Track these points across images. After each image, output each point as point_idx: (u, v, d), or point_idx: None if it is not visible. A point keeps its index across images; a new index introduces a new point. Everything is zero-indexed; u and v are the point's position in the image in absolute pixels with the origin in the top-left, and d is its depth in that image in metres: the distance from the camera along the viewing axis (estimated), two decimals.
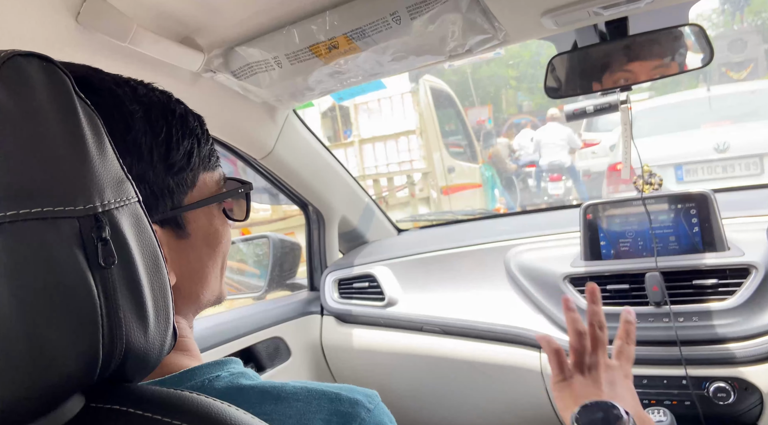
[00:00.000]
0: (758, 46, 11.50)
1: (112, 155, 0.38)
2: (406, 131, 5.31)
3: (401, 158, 5.33)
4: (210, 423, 0.37)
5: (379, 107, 5.38)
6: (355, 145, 5.50)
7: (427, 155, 5.34)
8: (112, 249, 0.35)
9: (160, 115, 0.51)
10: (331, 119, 5.97)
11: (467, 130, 6.52)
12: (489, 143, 8.04)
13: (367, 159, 5.46)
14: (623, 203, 1.23)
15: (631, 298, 1.16)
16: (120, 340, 0.36)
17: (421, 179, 5.45)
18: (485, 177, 6.52)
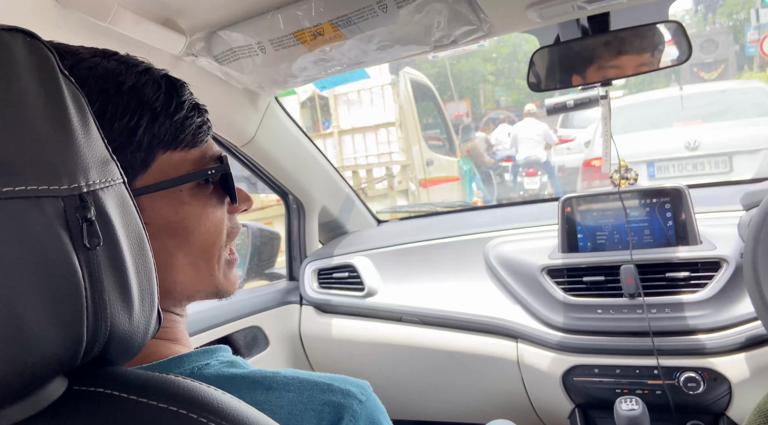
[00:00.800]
0: (729, 47, 11.80)
1: (97, 135, 0.37)
2: (385, 123, 5.27)
3: (380, 150, 5.28)
4: (196, 406, 0.36)
5: (359, 98, 5.35)
6: (334, 136, 5.44)
7: (406, 148, 5.33)
8: (97, 230, 0.35)
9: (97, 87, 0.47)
10: (311, 109, 5.91)
11: (446, 123, 6.54)
12: (467, 136, 8.11)
13: (346, 150, 5.44)
14: (600, 197, 1.25)
15: (606, 290, 1.18)
16: (104, 322, 0.35)
17: (400, 172, 5.44)
18: (463, 171, 6.57)
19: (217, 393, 0.38)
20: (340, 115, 5.37)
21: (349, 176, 5.20)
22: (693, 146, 4.72)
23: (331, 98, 5.37)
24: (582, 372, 1.18)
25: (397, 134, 5.22)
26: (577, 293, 1.20)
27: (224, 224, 0.56)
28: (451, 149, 6.50)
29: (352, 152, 5.33)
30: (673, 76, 12.08)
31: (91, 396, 0.36)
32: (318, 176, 1.53)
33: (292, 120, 1.37)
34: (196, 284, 0.54)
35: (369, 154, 5.32)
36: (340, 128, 5.42)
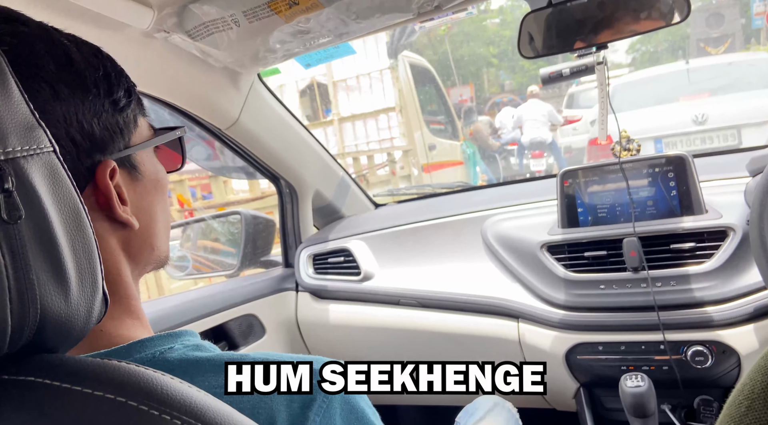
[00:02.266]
0: (736, 20, 11.56)
1: (19, 98, 0.33)
2: (385, 109, 5.21)
3: (381, 135, 5.25)
4: (137, 393, 0.33)
5: (357, 84, 5.26)
6: (335, 123, 5.39)
7: (407, 133, 5.26)
8: (17, 202, 0.31)
9: (90, 51, 0.49)
10: (310, 97, 5.83)
11: (448, 107, 6.46)
12: (470, 120, 8.01)
13: (347, 137, 5.38)
14: (601, 169, 1.20)
15: (608, 264, 1.14)
16: (33, 305, 0.32)
17: (401, 157, 5.39)
18: (466, 154, 6.51)
19: (166, 379, 0.35)
20: (340, 102, 5.30)
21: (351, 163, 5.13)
22: (701, 120, 4.63)
23: (330, 85, 5.30)
24: (586, 349, 1.14)
25: (398, 119, 5.16)
26: (578, 269, 1.16)
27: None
28: (454, 132, 6.44)
29: (353, 138, 5.28)
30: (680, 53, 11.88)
31: (21, 385, 0.33)
32: (309, 158, 1.49)
33: (278, 101, 1.33)
34: (165, 244, 0.55)
35: (370, 140, 5.27)
36: (340, 115, 5.36)
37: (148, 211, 0.52)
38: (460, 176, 6.13)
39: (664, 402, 1.10)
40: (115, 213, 0.47)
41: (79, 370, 0.34)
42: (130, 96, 0.51)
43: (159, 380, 0.34)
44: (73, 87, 0.45)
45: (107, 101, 0.48)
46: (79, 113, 0.45)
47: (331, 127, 5.41)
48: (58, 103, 0.43)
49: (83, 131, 0.45)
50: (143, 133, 0.53)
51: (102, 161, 0.46)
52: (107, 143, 0.47)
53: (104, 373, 0.34)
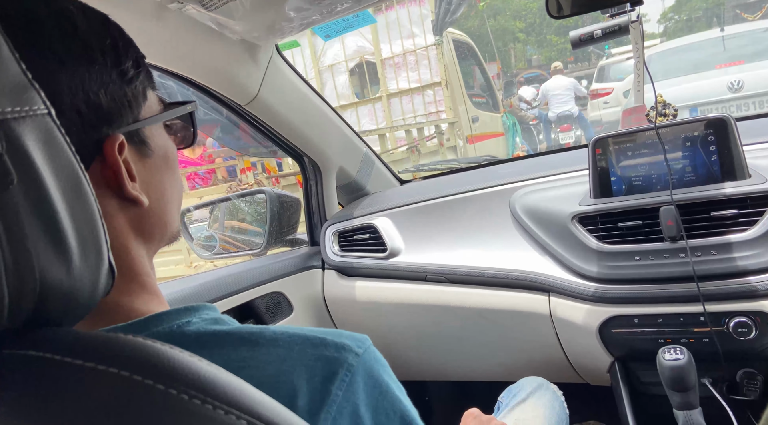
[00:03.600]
0: None
1: (9, 57, 0.31)
2: (431, 84, 5.42)
3: (428, 109, 5.48)
4: (141, 366, 0.31)
5: (404, 61, 5.48)
6: (383, 99, 5.62)
7: (453, 106, 5.47)
8: (9, 166, 0.29)
9: (98, 19, 0.47)
10: (359, 75, 6.02)
11: (489, 80, 6.68)
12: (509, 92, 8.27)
13: (395, 113, 5.59)
14: (635, 136, 1.14)
15: (644, 234, 1.09)
16: (31, 276, 0.30)
17: (447, 129, 5.55)
18: (507, 126, 6.81)
19: (174, 353, 0.33)
20: (388, 78, 5.59)
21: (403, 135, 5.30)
22: (736, 87, 4.61)
23: (378, 64, 5.56)
24: (620, 323, 1.10)
25: (443, 94, 5.40)
26: (612, 240, 1.11)
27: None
28: (494, 105, 6.65)
29: (400, 113, 5.54)
30: (715, 20, 11.40)
31: (21, 359, 0.32)
32: (332, 135, 1.47)
33: (298, 75, 1.30)
34: (176, 221, 0.54)
35: (417, 114, 5.53)
36: (388, 91, 5.64)
37: (159, 188, 0.51)
38: (501, 146, 6.38)
39: (705, 376, 1.05)
40: (124, 190, 0.46)
41: (82, 344, 0.32)
42: (139, 67, 0.49)
43: (166, 353, 0.33)
44: (78, 56, 0.43)
45: (114, 72, 0.46)
46: (85, 84, 0.43)
47: (379, 103, 5.64)
48: (63, 73, 0.41)
49: (89, 102, 0.43)
50: (153, 107, 0.51)
51: (110, 135, 0.45)
52: (114, 115, 0.46)
53: (108, 347, 0.32)
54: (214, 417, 0.31)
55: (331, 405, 0.42)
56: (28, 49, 0.34)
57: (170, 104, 0.55)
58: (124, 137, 0.46)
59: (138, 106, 0.49)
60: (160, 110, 0.52)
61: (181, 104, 0.55)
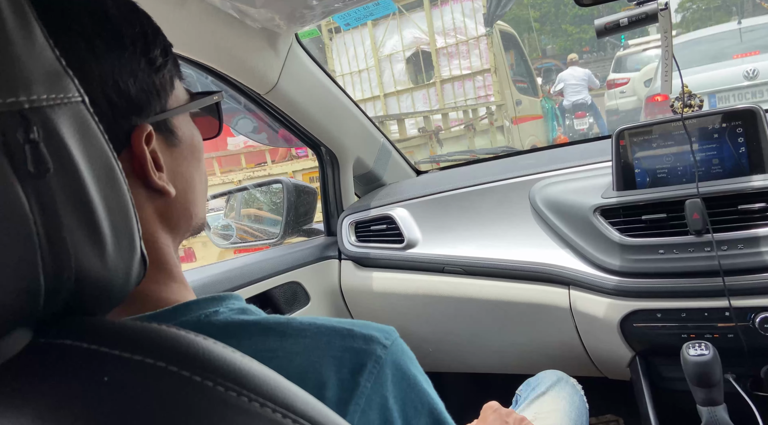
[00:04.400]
0: None
1: (44, 44, 0.31)
2: (481, 70, 6.05)
3: (477, 94, 6.12)
4: (177, 357, 0.31)
5: (457, 50, 6.13)
6: (437, 85, 6.23)
7: (500, 90, 6.09)
8: (45, 154, 0.29)
9: (127, 7, 0.46)
10: (415, 64, 6.61)
11: (529, 67, 7.29)
12: (549, 78, 8.90)
13: (447, 97, 6.24)
14: (660, 127, 1.12)
15: (668, 228, 1.07)
16: (67, 265, 0.30)
17: (496, 111, 6.20)
18: (545, 109, 7.43)
19: (208, 344, 0.33)
20: (441, 66, 6.24)
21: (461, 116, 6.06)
22: (751, 75, 4.93)
23: (433, 52, 6.20)
24: (642, 317, 1.08)
25: (492, 79, 6.05)
26: (635, 234, 1.09)
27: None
28: (534, 90, 7.29)
29: (452, 97, 6.20)
30: (734, 10, 11.20)
31: (58, 348, 0.31)
32: (349, 124, 1.46)
33: (317, 64, 1.29)
34: (203, 211, 0.53)
35: (467, 98, 6.19)
36: (441, 77, 6.25)
37: (185, 178, 0.50)
38: (541, 128, 7.07)
39: (728, 371, 1.04)
40: (151, 180, 0.45)
41: (118, 333, 0.32)
42: (167, 56, 0.48)
43: (201, 344, 0.32)
44: (109, 44, 0.42)
45: (144, 60, 0.45)
46: (116, 72, 0.42)
47: (433, 88, 6.29)
48: (94, 61, 0.41)
49: (119, 90, 0.43)
50: (180, 97, 0.51)
51: (138, 125, 0.44)
52: (143, 105, 0.45)
53: (144, 337, 0.32)
54: (249, 409, 0.31)
55: (360, 397, 0.41)
56: (59, 35, 0.33)
57: (196, 94, 0.54)
58: (152, 126, 0.46)
59: (166, 95, 0.48)
60: (186, 100, 0.52)
61: (208, 94, 0.55)
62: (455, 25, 6.01)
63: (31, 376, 0.30)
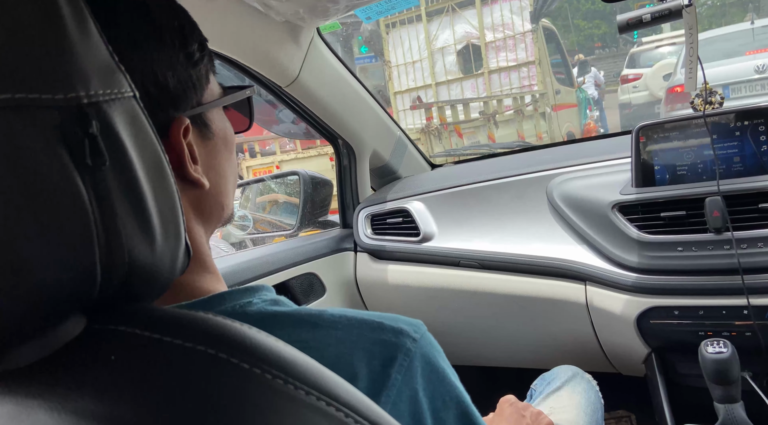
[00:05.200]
0: None
1: (99, 40, 0.32)
2: (526, 62, 6.75)
3: (522, 83, 6.80)
4: (226, 345, 0.32)
5: (504, 44, 6.80)
6: (485, 75, 6.93)
7: (542, 80, 6.82)
8: (102, 147, 0.30)
9: (166, 1, 0.47)
10: (464, 56, 7.23)
11: (566, 60, 7.99)
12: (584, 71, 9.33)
13: (494, 86, 6.95)
14: (681, 123, 1.12)
15: (687, 225, 1.07)
16: (120, 253, 0.31)
17: (539, 99, 6.95)
18: (580, 98, 8.09)
19: (253, 332, 0.34)
20: (489, 58, 6.94)
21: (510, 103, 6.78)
22: (762, 69, 5.47)
23: (482, 46, 6.88)
24: (659, 314, 1.09)
25: (537, 70, 6.76)
26: (653, 231, 1.10)
27: None
28: (570, 81, 7.89)
29: (498, 86, 6.90)
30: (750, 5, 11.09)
31: (111, 334, 0.32)
32: (367, 118, 1.46)
33: (337, 58, 1.29)
34: (231, 204, 0.54)
35: (513, 87, 6.84)
36: (489, 68, 6.94)
37: (218, 170, 0.51)
38: (575, 116, 7.73)
39: (745, 369, 1.04)
40: (187, 172, 0.46)
41: (169, 320, 0.33)
42: (203, 50, 0.49)
43: (247, 332, 0.33)
44: (149, 36, 0.43)
45: (182, 54, 0.46)
46: (155, 65, 0.43)
47: (481, 78, 7.01)
48: (135, 53, 0.42)
49: (158, 83, 0.43)
50: (214, 91, 0.51)
51: (176, 118, 0.45)
52: (180, 98, 0.46)
53: (193, 324, 0.33)
54: (295, 396, 0.31)
55: (390, 389, 0.42)
56: (104, 29, 0.34)
57: (229, 88, 0.55)
58: (189, 120, 0.46)
59: (201, 89, 0.49)
60: (220, 94, 0.53)
61: (241, 88, 0.56)
62: (503, 21, 6.71)
63: (89, 360, 0.31)
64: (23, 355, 0.30)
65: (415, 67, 7.13)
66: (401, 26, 7.02)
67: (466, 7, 6.87)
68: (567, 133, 7.24)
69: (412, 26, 7.00)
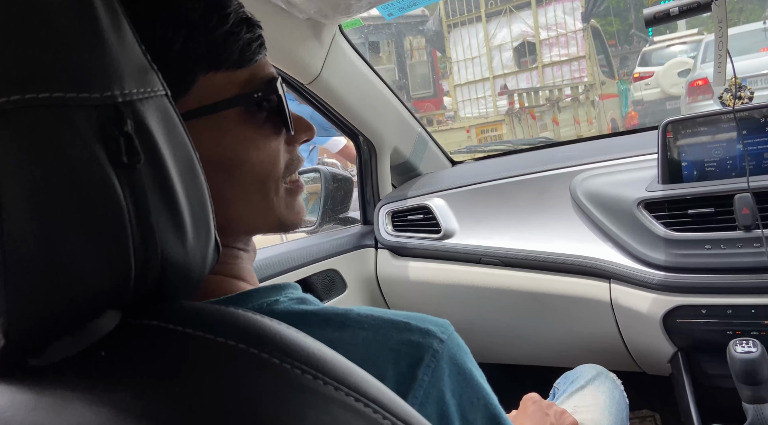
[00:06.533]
0: None
1: (132, 40, 0.32)
2: (577, 57, 7.50)
3: (573, 76, 7.57)
4: (260, 342, 0.32)
5: (557, 41, 7.52)
6: (539, 68, 7.66)
7: (591, 73, 7.55)
8: (137, 146, 0.30)
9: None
10: (519, 51, 7.91)
11: (608, 54, 8.59)
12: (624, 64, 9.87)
13: (547, 78, 7.64)
14: (709, 119, 1.09)
15: (715, 223, 1.05)
16: (154, 251, 0.31)
17: (589, 88, 7.72)
18: (621, 89, 8.63)
19: (283, 328, 0.34)
20: (543, 53, 7.64)
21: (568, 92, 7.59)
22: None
23: (537, 43, 7.60)
24: (686, 313, 1.07)
25: (587, 64, 7.48)
26: (680, 228, 1.08)
27: (280, 155, 0.51)
28: (611, 73, 8.53)
29: (551, 78, 7.65)
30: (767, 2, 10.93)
31: (147, 329, 0.33)
32: (388, 114, 1.46)
33: (358, 54, 1.29)
34: (253, 219, 0.50)
35: (564, 79, 7.59)
36: (543, 62, 7.64)
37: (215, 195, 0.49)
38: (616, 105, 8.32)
39: None
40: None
41: (202, 316, 0.33)
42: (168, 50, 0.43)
43: (276, 328, 0.33)
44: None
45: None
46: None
47: (535, 71, 7.72)
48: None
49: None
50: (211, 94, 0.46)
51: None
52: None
53: (226, 320, 0.33)
54: (325, 392, 0.31)
55: (418, 389, 0.42)
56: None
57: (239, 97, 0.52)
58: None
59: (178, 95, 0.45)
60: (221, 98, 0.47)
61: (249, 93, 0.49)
62: (557, 21, 7.50)
63: (124, 354, 0.31)
64: (60, 349, 0.31)
65: (474, 62, 7.91)
66: (462, 26, 7.86)
67: (523, 8, 7.69)
68: (611, 120, 7.93)
69: (472, 26, 7.80)
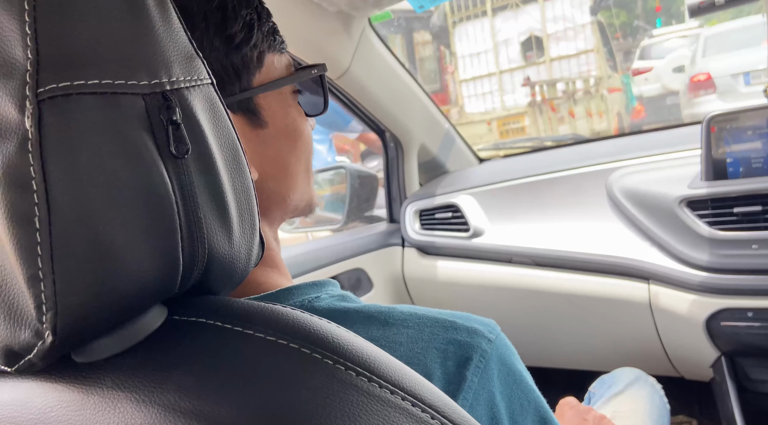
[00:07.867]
0: None
1: (179, 27, 0.31)
2: (585, 51, 7.45)
3: (581, 69, 7.54)
4: (307, 339, 0.30)
5: (564, 35, 7.46)
6: (547, 62, 7.60)
7: (599, 67, 7.55)
8: (185, 135, 0.29)
9: None
10: (526, 46, 7.81)
11: (611, 48, 8.42)
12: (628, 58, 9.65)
13: (555, 72, 7.60)
14: (757, 112, 1.04)
15: (763, 221, 1.00)
16: (201, 244, 0.30)
17: (599, 82, 7.63)
18: (625, 84, 8.48)
19: (331, 327, 0.32)
20: (551, 48, 7.57)
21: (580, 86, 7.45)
22: None
23: (544, 37, 7.54)
24: (731, 315, 1.02)
25: (596, 58, 7.45)
26: (725, 227, 1.03)
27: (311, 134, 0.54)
28: (616, 67, 8.51)
29: (558, 73, 7.60)
30: None
31: (193, 326, 0.31)
32: (416, 110, 1.43)
33: (387, 49, 1.27)
34: (303, 194, 0.51)
35: (572, 73, 7.54)
36: (551, 57, 7.58)
37: (276, 161, 0.48)
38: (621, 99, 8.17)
39: None
40: None
41: (250, 313, 0.32)
42: (252, 30, 0.45)
43: (327, 327, 0.32)
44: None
45: (218, 39, 0.43)
46: None
47: (543, 65, 7.64)
48: None
49: None
50: (271, 73, 0.47)
51: None
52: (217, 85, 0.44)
53: (275, 318, 0.31)
54: (380, 395, 0.30)
55: (467, 391, 0.40)
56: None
57: (299, 69, 0.51)
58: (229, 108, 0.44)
59: (249, 73, 0.46)
60: (280, 75, 0.49)
61: (306, 69, 0.51)
62: (564, 14, 7.43)
63: (171, 351, 0.30)
64: (106, 346, 0.30)
65: (480, 58, 7.88)
66: (467, 21, 7.80)
67: (529, 2, 7.63)
68: (617, 114, 7.80)
69: (477, 21, 7.74)
